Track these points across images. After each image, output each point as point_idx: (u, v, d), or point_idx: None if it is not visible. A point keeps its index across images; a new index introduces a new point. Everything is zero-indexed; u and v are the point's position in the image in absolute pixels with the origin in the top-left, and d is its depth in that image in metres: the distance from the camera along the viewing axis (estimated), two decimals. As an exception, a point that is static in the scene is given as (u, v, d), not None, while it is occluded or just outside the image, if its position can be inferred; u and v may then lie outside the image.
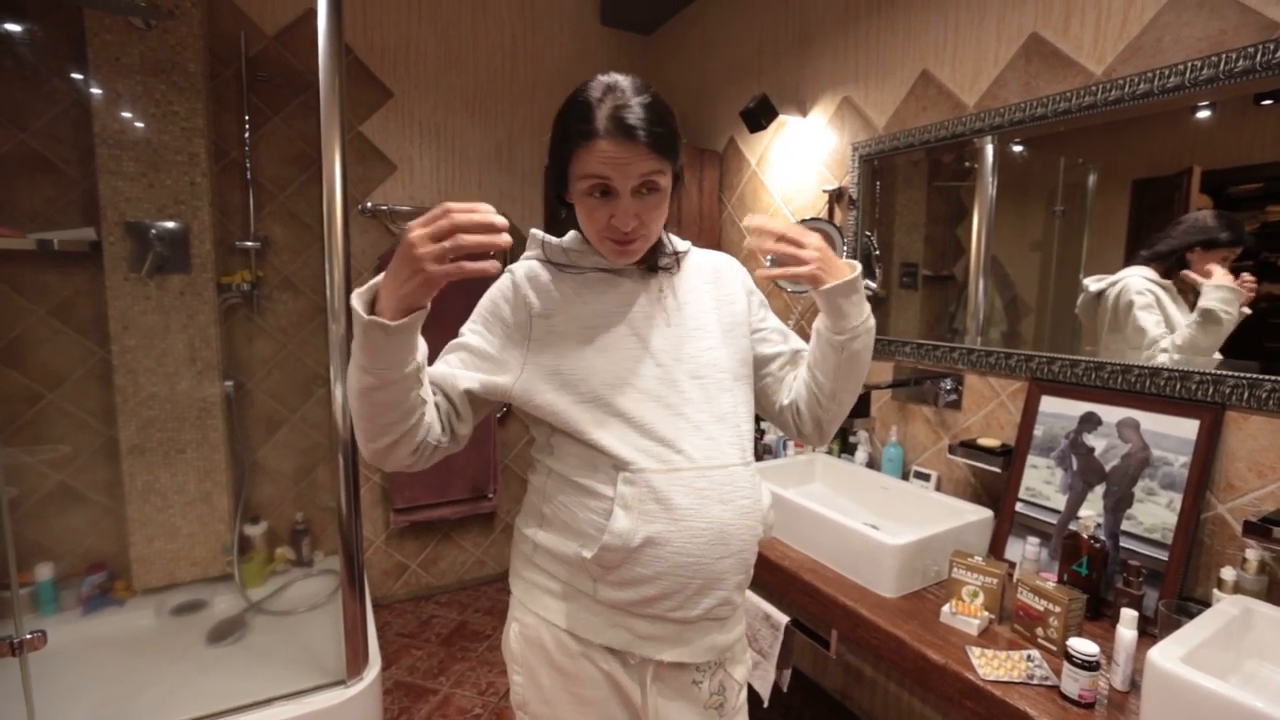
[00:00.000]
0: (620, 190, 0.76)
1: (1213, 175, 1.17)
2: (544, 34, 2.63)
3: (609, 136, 0.74)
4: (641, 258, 0.89)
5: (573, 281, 0.87)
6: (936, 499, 1.50)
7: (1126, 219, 1.30)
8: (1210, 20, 1.11)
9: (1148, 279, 1.25)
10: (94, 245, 1.92)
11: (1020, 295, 1.53)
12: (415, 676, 2.09)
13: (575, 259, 0.87)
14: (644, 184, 0.77)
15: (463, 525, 2.68)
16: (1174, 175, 1.22)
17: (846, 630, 1.24)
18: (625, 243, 0.81)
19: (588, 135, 0.74)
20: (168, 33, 1.93)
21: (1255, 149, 1.11)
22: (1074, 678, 0.93)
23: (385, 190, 2.40)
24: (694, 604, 0.81)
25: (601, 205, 0.78)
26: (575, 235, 0.89)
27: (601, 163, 0.75)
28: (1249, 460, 1.09)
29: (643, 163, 0.75)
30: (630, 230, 0.79)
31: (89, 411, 2.02)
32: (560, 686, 0.84)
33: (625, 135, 0.73)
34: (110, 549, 2.08)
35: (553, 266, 0.88)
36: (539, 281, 0.86)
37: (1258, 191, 1.12)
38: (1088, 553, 1.15)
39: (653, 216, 0.80)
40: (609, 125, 0.74)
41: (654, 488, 0.78)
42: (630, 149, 0.74)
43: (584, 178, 0.77)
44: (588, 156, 0.75)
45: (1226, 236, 1.15)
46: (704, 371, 0.85)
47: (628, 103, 0.74)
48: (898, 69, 1.69)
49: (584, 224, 0.83)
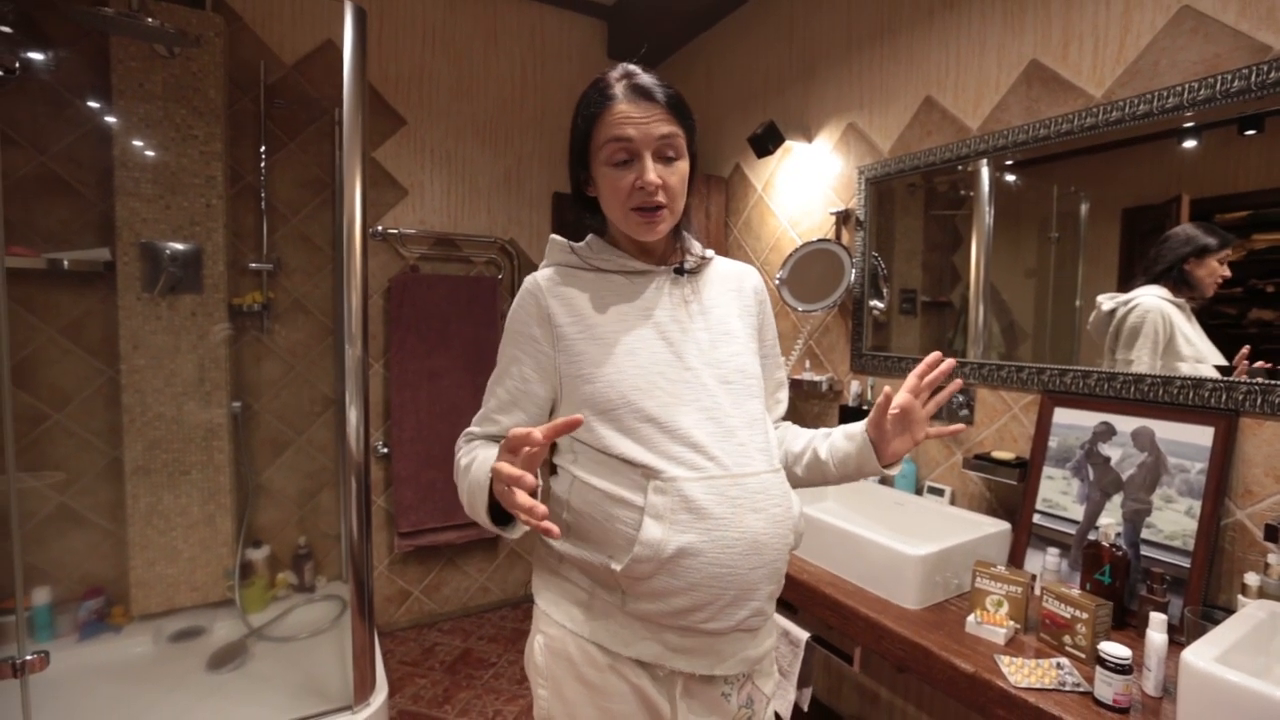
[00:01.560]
0: (641, 150, 0.79)
1: (1200, 203, 1.21)
2: (553, 65, 2.72)
3: (626, 98, 0.79)
4: (665, 259, 0.90)
5: (596, 284, 0.87)
6: (953, 513, 1.50)
7: (1118, 246, 1.35)
8: (1205, 45, 1.17)
9: (1161, 297, 1.27)
10: (108, 265, 1.94)
11: (1017, 321, 1.56)
12: (420, 705, 2.03)
13: (599, 261, 0.87)
14: (664, 144, 0.80)
15: (467, 551, 2.64)
16: (1164, 203, 1.26)
17: (870, 643, 1.22)
18: (652, 212, 0.81)
19: (606, 100, 0.80)
20: (190, 60, 1.98)
21: (1240, 178, 1.15)
22: (1107, 682, 0.93)
23: (396, 214, 2.44)
24: (727, 615, 0.79)
25: (625, 171, 0.80)
26: (595, 237, 0.90)
27: (622, 122, 0.79)
28: (1265, 466, 1.10)
29: (661, 123, 0.79)
30: (655, 191, 0.80)
31: (94, 432, 2.00)
32: (587, 700, 0.82)
33: (642, 95, 0.79)
34: (109, 573, 2.04)
35: (575, 270, 0.88)
36: (560, 288, 0.86)
37: (1244, 220, 1.16)
38: (1110, 561, 1.16)
39: (675, 183, 0.82)
40: (625, 90, 0.80)
41: (686, 496, 0.76)
42: (648, 108, 0.79)
43: (605, 144, 0.80)
44: (607, 122, 0.80)
45: (1214, 242, 1.19)
46: (733, 377, 0.85)
47: (641, 74, 0.82)
48: (901, 95, 1.75)
49: (608, 200, 0.84)
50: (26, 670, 1.31)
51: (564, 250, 0.90)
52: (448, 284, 2.47)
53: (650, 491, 0.77)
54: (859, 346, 1.88)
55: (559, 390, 0.86)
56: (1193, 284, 1.23)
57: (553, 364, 0.85)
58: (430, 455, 2.44)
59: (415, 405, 2.41)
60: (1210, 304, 1.21)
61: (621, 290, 0.86)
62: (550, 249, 0.92)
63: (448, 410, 2.46)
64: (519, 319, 0.87)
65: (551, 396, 0.87)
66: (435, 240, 2.51)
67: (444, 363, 2.46)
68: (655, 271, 0.88)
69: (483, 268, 2.62)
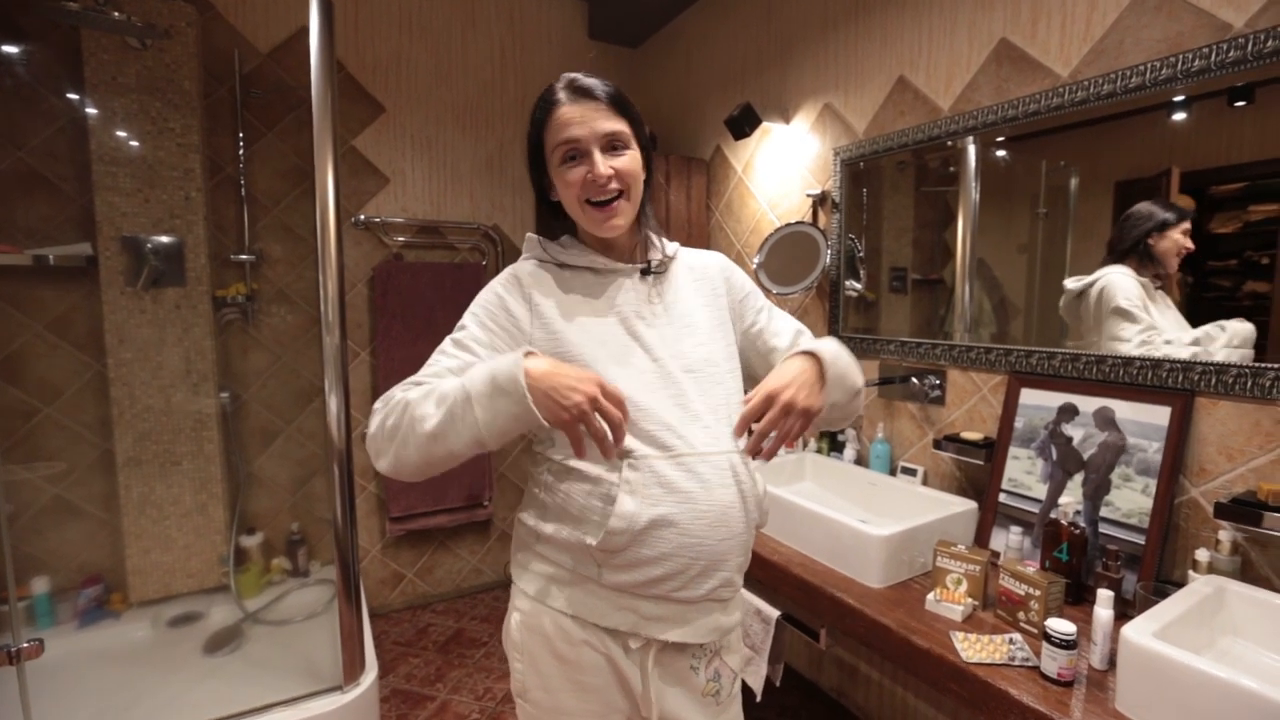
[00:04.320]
0: (589, 146, 0.83)
1: (1193, 176, 1.19)
2: (533, 48, 2.69)
3: (568, 100, 0.83)
4: (632, 258, 0.93)
5: (568, 280, 0.91)
6: (923, 493, 1.53)
7: (1110, 220, 1.33)
8: (1168, 23, 1.16)
9: (1128, 275, 1.28)
10: (90, 260, 1.95)
11: (1008, 297, 1.56)
12: (412, 684, 2.09)
13: (570, 258, 0.91)
14: (610, 141, 0.84)
15: (458, 533, 2.69)
16: (1154, 176, 1.25)
17: (835, 621, 1.26)
18: (607, 205, 0.85)
19: (550, 106, 0.84)
20: (163, 51, 1.97)
21: (1234, 150, 1.14)
22: (1053, 657, 0.96)
23: (378, 203, 2.44)
24: (698, 584, 0.83)
25: (575, 167, 0.84)
26: (568, 237, 0.94)
27: (565, 124, 0.83)
28: (1219, 444, 1.12)
29: (604, 119, 0.83)
30: (606, 181, 0.83)
31: (85, 425, 2.04)
32: (561, 674, 0.86)
33: (582, 95, 0.83)
34: (106, 562, 2.09)
35: (549, 266, 0.92)
36: (540, 278, 0.90)
37: (1239, 191, 1.15)
38: (1068, 539, 1.18)
39: (629, 172, 0.85)
40: (566, 93, 0.84)
41: (658, 472, 0.81)
42: (589, 106, 0.83)
43: (555, 148, 0.84)
44: (554, 126, 0.84)
45: (1172, 216, 1.20)
46: (697, 366, 0.88)
47: (581, 76, 0.85)
48: (875, 75, 1.74)
49: (566, 198, 0.87)
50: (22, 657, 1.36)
51: (538, 247, 0.94)
52: (432, 271, 2.47)
53: (625, 468, 0.81)
54: (835, 328, 1.89)
55: None
56: (1156, 258, 1.24)
57: (527, 343, 0.86)
58: (419, 441, 2.47)
59: (403, 393, 2.44)
60: (1203, 278, 1.21)
61: (591, 287, 0.90)
62: (527, 245, 0.96)
63: (435, 397, 2.48)
64: (498, 295, 0.89)
65: None
66: (418, 228, 2.51)
67: (430, 350, 2.44)
68: (621, 270, 0.91)
69: (467, 254, 2.63)
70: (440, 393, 0.77)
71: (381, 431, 0.80)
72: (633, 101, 0.88)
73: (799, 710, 1.95)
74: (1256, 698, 0.76)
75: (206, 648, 1.99)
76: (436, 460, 0.78)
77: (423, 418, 0.76)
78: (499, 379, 0.73)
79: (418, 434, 0.76)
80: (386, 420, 0.80)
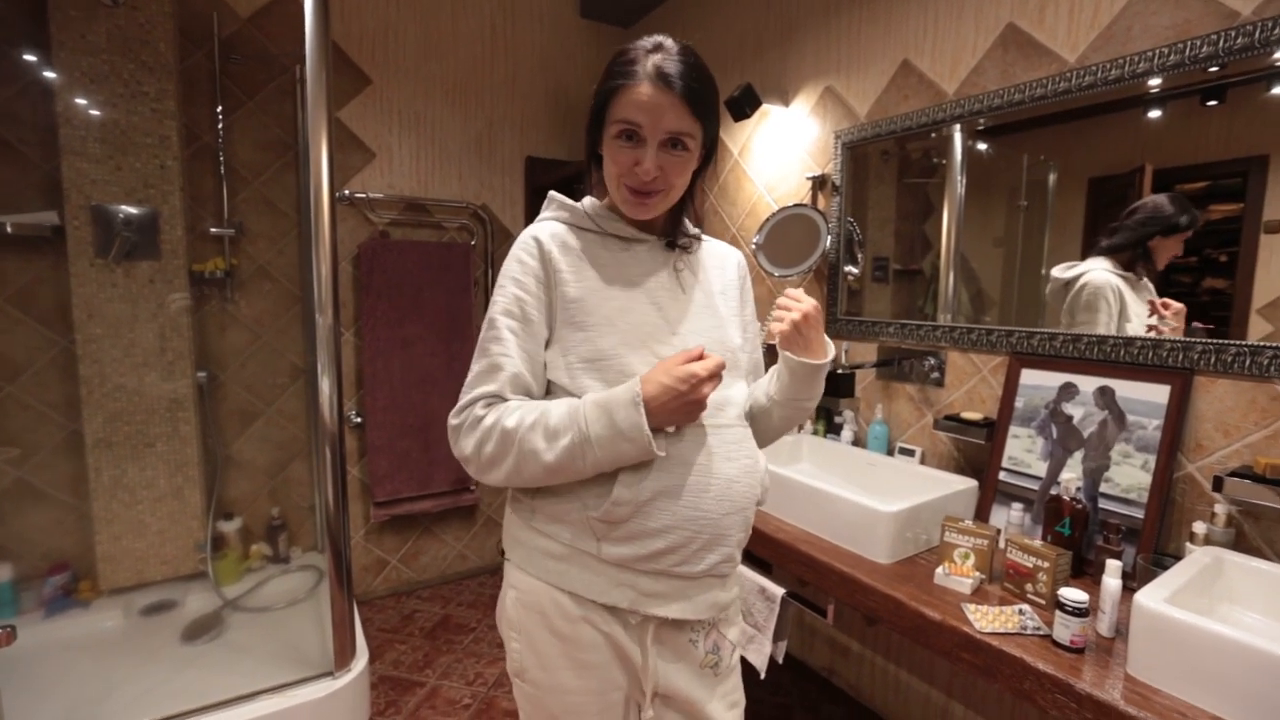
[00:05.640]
0: (648, 138, 0.79)
1: (1163, 174, 1.24)
2: (523, 25, 2.63)
3: (648, 81, 0.78)
4: (662, 232, 0.92)
5: (594, 244, 0.88)
6: (923, 472, 1.55)
7: (1084, 214, 1.38)
8: (1176, 10, 1.18)
9: (1109, 270, 1.31)
10: (56, 230, 1.84)
11: (985, 289, 1.59)
12: (401, 670, 2.05)
13: (597, 223, 0.88)
14: (672, 138, 0.80)
15: (444, 519, 2.64)
16: (1127, 173, 1.29)
17: (844, 596, 1.27)
18: (643, 194, 0.82)
19: (628, 77, 0.78)
20: (136, 10, 1.86)
21: (1200, 149, 1.18)
22: (1065, 624, 0.98)
23: (364, 178, 2.36)
24: (699, 559, 0.82)
25: (628, 149, 0.80)
26: (593, 200, 0.91)
27: (636, 107, 0.78)
28: (1216, 421, 1.16)
29: (675, 116, 0.78)
30: (651, 180, 0.80)
31: (50, 404, 1.93)
32: (559, 652, 0.84)
33: (663, 84, 0.77)
34: (74, 548, 1.99)
35: (574, 228, 0.89)
36: (561, 239, 0.87)
37: (1202, 190, 1.19)
38: (1070, 514, 1.21)
39: (676, 174, 0.82)
40: (650, 72, 0.78)
41: (663, 443, 0.79)
42: (666, 98, 0.77)
43: (616, 121, 0.80)
44: (624, 99, 0.79)
45: (1185, 220, 1.22)
46: (713, 348, 0.87)
47: (672, 57, 0.79)
48: (879, 59, 1.74)
49: (608, 170, 0.84)
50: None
51: (563, 206, 0.90)
52: (419, 250, 2.41)
53: None
54: (834, 311, 1.91)
55: (551, 334, 0.86)
56: (1151, 259, 1.27)
57: (550, 307, 0.85)
58: (405, 424, 2.41)
59: (388, 374, 2.38)
60: (1165, 273, 1.25)
61: (617, 253, 0.88)
62: (549, 203, 0.92)
63: (421, 379, 2.43)
64: (520, 260, 0.86)
65: (546, 336, 0.86)
66: (405, 205, 2.44)
67: (417, 330, 2.41)
68: (649, 240, 0.90)
69: (455, 234, 2.57)
70: (548, 425, 0.78)
71: (480, 457, 0.81)
72: (716, 95, 0.83)
73: (790, 688, 1.97)
74: (1264, 655, 0.79)
75: (184, 636, 1.92)
76: (559, 481, 0.81)
77: (535, 452, 0.77)
78: (620, 424, 0.75)
79: (534, 466, 0.78)
80: (484, 447, 0.80)
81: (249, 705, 1.52)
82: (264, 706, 1.52)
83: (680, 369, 0.76)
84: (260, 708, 1.52)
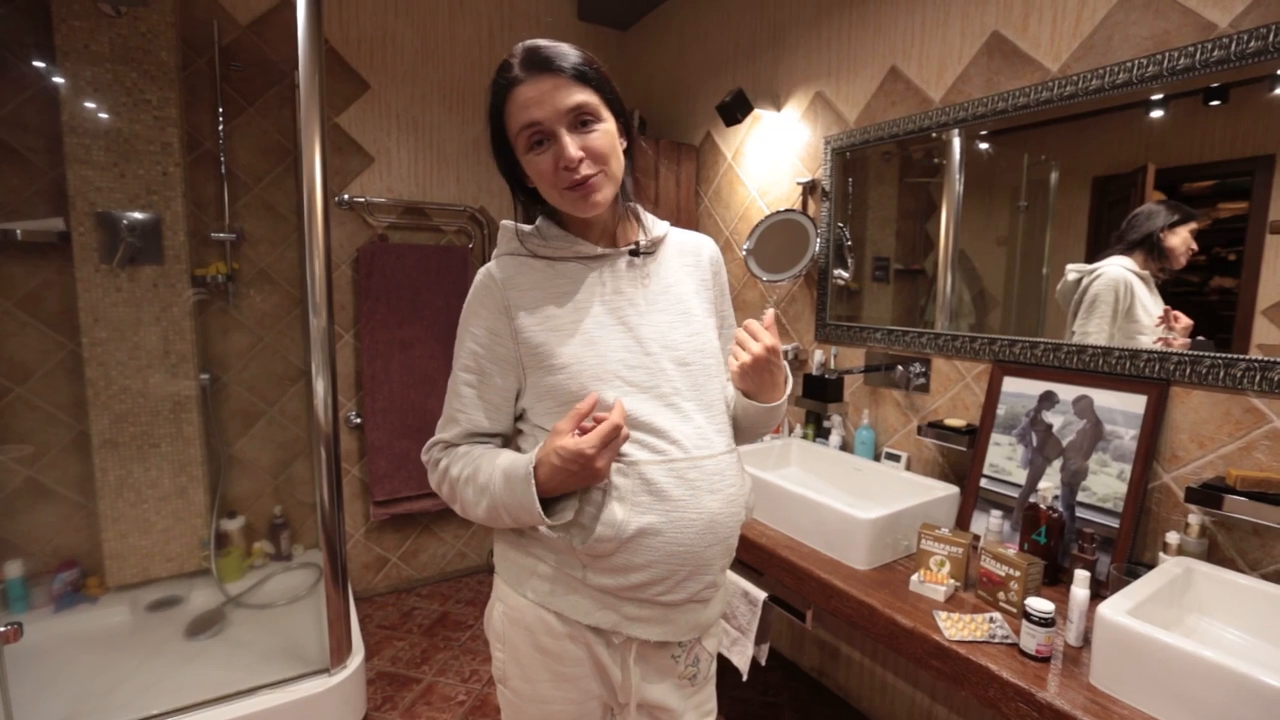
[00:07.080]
0: (554, 128, 0.75)
1: (1166, 173, 1.23)
2: (521, 28, 2.64)
3: (527, 76, 0.75)
4: (620, 238, 0.88)
5: (550, 273, 0.84)
6: (907, 478, 1.57)
7: (1088, 214, 1.36)
8: (1155, 20, 1.18)
9: (1126, 268, 1.30)
10: (63, 236, 1.89)
11: (987, 288, 1.59)
12: (398, 666, 2.09)
13: (550, 249, 0.85)
14: (577, 117, 0.76)
15: (443, 518, 2.68)
16: (1131, 173, 1.28)
17: (821, 601, 1.29)
18: (583, 186, 0.77)
19: (507, 87, 0.76)
20: (138, 19, 1.90)
21: (1206, 148, 1.17)
22: (1031, 634, 1.00)
23: (362, 182, 2.40)
24: (682, 589, 0.82)
25: (545, 154, 0.77)
26: (545, 220, 0.87)
27: (526, 105, 0.75)
28: (1191, 432, 1.17)
29: (565, 93, 0.74)
30: (577, 166, 0.76)
31: (58, 405, 1.99)
32: (541, 665, 0.86)
33: (541, 69, 0.74)
34: (82, 545, 2.05)
35: (528, 258, 0.85)
36: (515, 278, 0.84)
37: (1209, 189, 1.18)
38: (1046, 522, 1.22)
39: (601, 150, 0.77)
40: (523, 66, 0.75)
41: (647, 479, 0.78)
42: (547, 81, 0.74)
43: (519, 132, 0.77)
44: (513, 108, 0.76)
45: (1179, 215, 1.22)
46: (691, 358, 0.85)
47: (539, 44, 0.76)
48: (868, 64, 1.75)
49: (541, 187, 0.81)
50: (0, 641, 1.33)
51: (513, 238, 0.87)
52: (418, 253, 2.44)
53: (614, 474, 0.78)
54: (823, 316, 1.92)
55: (523, 381, 0.85)
56: (1165, 253, 1.25)
57: (514, 356, 0.84)
58: (404, 425, 2.45)
59: (387, 375, 2.42)
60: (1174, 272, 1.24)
61: (576, 276, 0.84)
62: (502, 236, 0.88)
63: (420, 380, 2.47)
64: (476, 313, 0.85)
65: (516, 387, 0.86)
66: (404, 209, 2.48)
67: (415, 333, 2.45)
68: (609, 254, 0.86)
69: (453, 237, 2.60)
70: (478, 483, 0.82)
71: (441, 493, 0.89)
72: (599, 63, 0.78)
73: (780, 688, 1.99)
74: (1219, 669, 0.80)
75: (188, 631, 1.97)
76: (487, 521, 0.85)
77: (470, 504, 0.84)
78: (520, 497, 0.78)
79: (474, 514, 0.84)
80: (440, 487, 0.88)
81: (247, 700, 1.57)
82: (262, 702, 1.57)
83: (567, 449, 0.73)
84: (258, 703, 1.56)
